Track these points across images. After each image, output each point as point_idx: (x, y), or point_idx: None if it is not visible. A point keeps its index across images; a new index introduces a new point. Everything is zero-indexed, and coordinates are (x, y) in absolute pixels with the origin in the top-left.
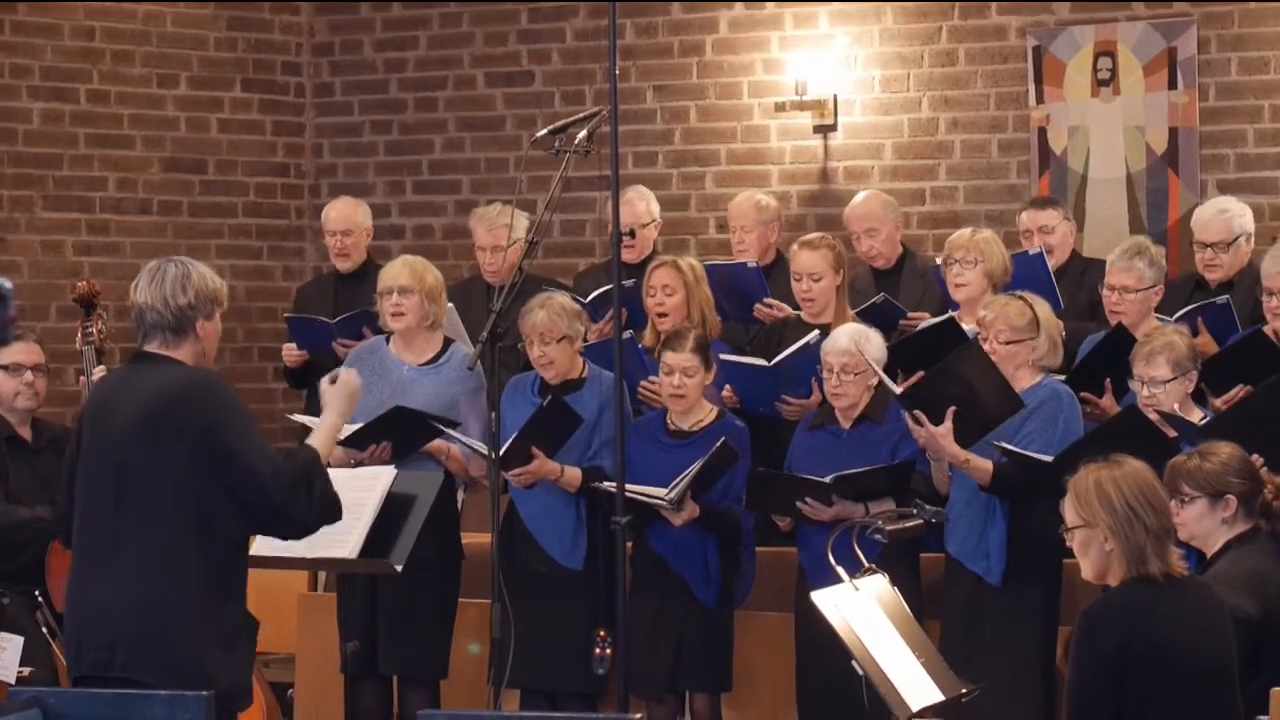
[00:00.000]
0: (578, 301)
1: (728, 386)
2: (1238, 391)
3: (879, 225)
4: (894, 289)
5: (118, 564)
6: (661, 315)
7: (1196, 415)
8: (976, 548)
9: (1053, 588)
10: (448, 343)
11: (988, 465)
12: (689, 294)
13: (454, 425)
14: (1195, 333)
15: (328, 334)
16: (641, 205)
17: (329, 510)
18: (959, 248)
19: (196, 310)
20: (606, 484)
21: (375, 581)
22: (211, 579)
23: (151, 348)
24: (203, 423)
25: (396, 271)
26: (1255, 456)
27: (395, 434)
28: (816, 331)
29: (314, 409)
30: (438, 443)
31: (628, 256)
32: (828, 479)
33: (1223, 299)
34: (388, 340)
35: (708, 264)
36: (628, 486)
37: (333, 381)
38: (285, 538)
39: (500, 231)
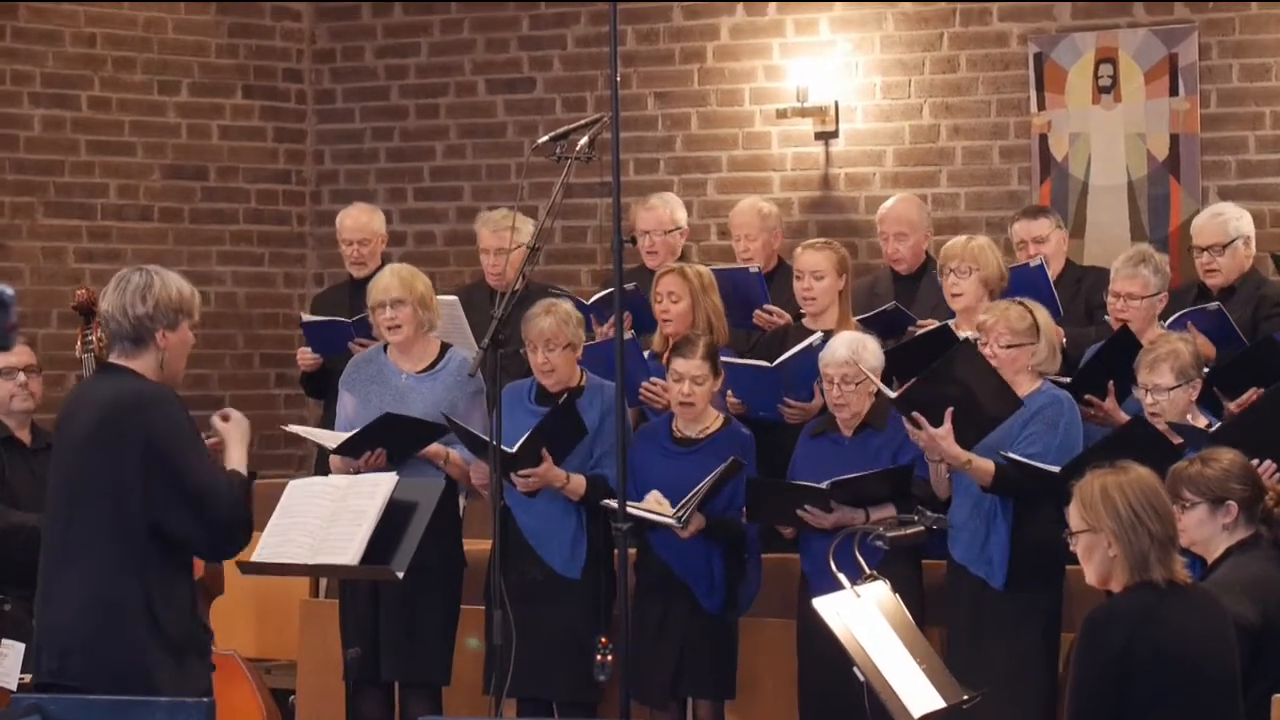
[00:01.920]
0: (581, 305)
1: (730, 393)
2: (1251, 395)
3: (910, 232)
4: (912, 294)
5: (69, 573)
6: (666, 321)
7: (1202, 422)
8: (980, 554)
9: (1056, 594)
10: (444, 348)
11: (989, 466)
12: (695, 301)
13: (446, 430)
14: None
15: (345, 335)
16: (665, 212)
17: (246, 537)
18: (953, 257)
19: (155, 320)
20: (611, 501)
21: (377, 588)
22: (158, 589)
23: (113, 358)
24: (145, 435)
25: (386, 284)
26: (1268, 463)
27: (388, 440)
28: (820, 334)
29: (329, 420)
30: (435, 447)
31: (649, 262)
32: (824, 484)
33: (1213, 305)
34: (385, 349)
35: (711, 269)
36: (636, 507)
37: (224, 419)
38: (210, 558)
39: (505, 234)
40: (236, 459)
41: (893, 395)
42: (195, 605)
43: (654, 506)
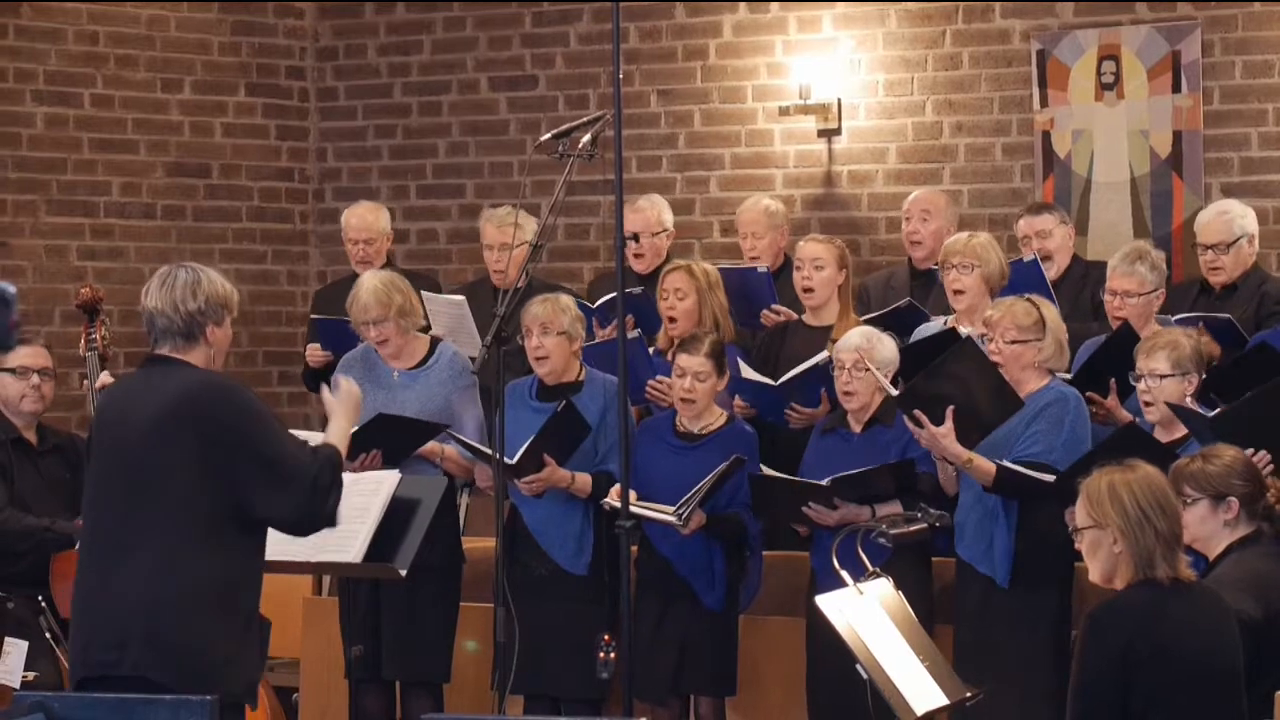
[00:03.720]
0: (585, 307)
1: (738, 398)
2: (1245, 395)
3: (934, 213)
4: (928, 291)
5: (130, 565)
6: (672, 319)
7: None
8: (986, 551)
9: (1064, 590)
10: (434, 343)
11: (990, 466)
12: (701, 299)
13: (441, 429)
14: None
15: (352, 333)
16: (653, 213)
17: (333, 507)
18: (955, 253)
19: (206, 316)
20: (613, 500)
21: (378, 586)
22: (224, 580)
23: (164, 352)
24: (218, 424)
25: (364, 304)
26: (1262, 454)
27: (383, 441)
28: (825, 353)
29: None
30: (431, 445)
31: (636, 266)
32: (825, 481)
33: (1224, 316)
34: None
35: (719, 268)
36: (637, 505)
37: (333, 389)
38: (302, 533)
39: (509, 230)
40: (334, 430)
41: (894, 393)
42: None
43: (656, 507)
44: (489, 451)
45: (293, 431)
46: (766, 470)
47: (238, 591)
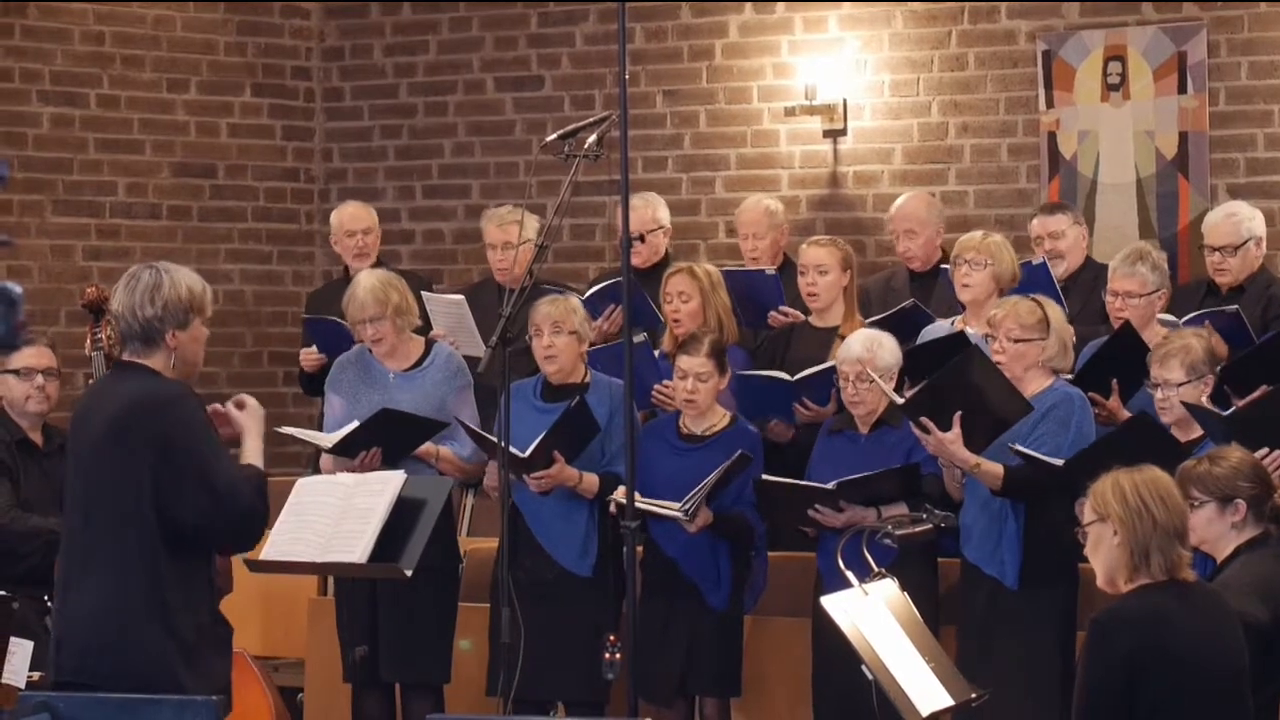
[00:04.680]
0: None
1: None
2: (1261, 393)
3: (919, 228)
4: (928, 292)
5: (88, 573)
6: (677, 321)
7: None
8: (993, 552)
9: (1070, 592)
10: (429, 345)
11: (998, 470)
12: (705, 300)
13: (443, 426)
14: None
15: (345, 334)
16: (648, 212)
17: (261, 532)
18: (969, 249)
19: (165, 321)
20: (618, 497)
21: (375, 588)
22: (174, 589)
23: (126, 355)
24: (163, 434)
25: (361, 303)
26: (1275, 454)
27: (385, 438)
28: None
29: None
30: (427, 447)
31: (634, 262)
32: (830, 485)
33: (1232, 308)
34: (370, 348)
35: (726, 270)
36: (644, 500)
37: (240, 406)
38: (226, 552)
39: (510, 228)
40: (253, 450)
41: (900, 401)
42: (214, 601)
43: (662, 503)
44: (493, 439)
45: (286, 429)
46: (768, 477)
47: (183, 605)
